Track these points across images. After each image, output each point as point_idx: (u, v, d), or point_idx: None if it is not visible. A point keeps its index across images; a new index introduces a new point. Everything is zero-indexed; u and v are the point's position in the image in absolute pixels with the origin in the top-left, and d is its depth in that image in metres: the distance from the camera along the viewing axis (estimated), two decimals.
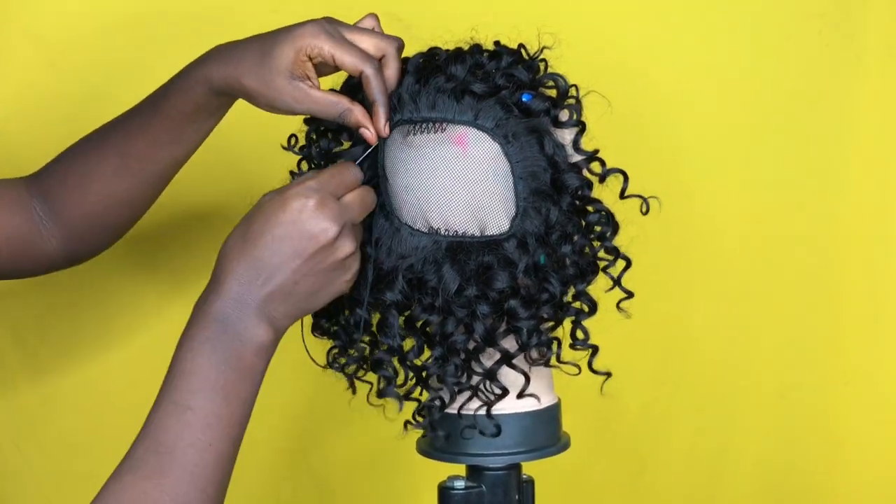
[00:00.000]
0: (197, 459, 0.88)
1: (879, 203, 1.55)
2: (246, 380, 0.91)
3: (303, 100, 0.97)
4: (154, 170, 1.08)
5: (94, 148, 1.11)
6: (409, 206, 0.98)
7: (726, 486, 1.58)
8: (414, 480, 1.48)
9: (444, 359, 0.99)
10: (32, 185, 1.13)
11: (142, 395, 1.03)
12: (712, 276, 1.54)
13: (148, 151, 1.07)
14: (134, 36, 1.37)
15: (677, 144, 1.50)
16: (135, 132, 1.08)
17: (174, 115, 1.05)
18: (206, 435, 0.89)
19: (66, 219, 1.11)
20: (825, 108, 1.52)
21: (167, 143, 1.06)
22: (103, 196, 1.10)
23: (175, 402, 0.89)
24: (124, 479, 0.88)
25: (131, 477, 0.88)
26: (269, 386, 1.47)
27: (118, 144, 1.09)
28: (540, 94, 0.99)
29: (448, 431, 1.02)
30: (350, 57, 0.96)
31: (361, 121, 0.96)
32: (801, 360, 1.57)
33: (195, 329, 0.92)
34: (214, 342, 0.91)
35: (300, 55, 0.97)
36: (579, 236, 0.99)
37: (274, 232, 0.92)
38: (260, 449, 1.47)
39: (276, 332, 0.93)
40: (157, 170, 1.08)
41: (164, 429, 0.89)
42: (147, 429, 0.90)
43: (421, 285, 0.98)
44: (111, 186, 1.09)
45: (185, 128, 1.05)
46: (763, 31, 1.51)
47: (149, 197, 1.12)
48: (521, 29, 1.01)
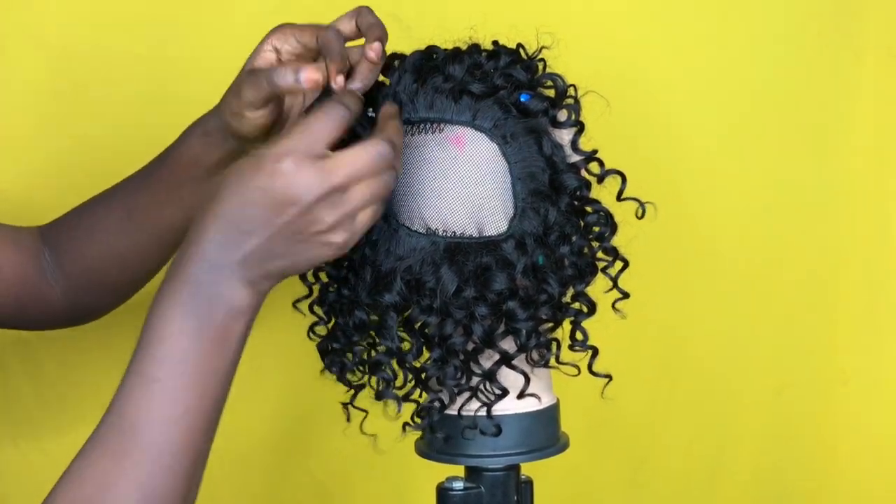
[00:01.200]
0: (162, 436, 0.82)
1: (878, 203, 1.55)
2: (220, 347, 0.84)
3: (250, 79, 0.94)
4: (153, 230, 1.07)
5: (102, 201, 1.11)
6: (406, 207, 0.98)
7: (724, 485, 1.58)
8: (412, 481, 1.47)
9: (442, 360, 0.99)
10: (45, 232, 1.13)
11: None
12: (710, 276, 1.54)
13: (148, 208, 1.06)
14: (134, 36, 1.37)
15: (676, 144, 1.50)
16: (138, 185, 1.07)
17: (174, 169, 1.04)
18: (174, 409, 0.82)
19: (69, 270, 1.11)
20: (825, 108, 1.52)
21: (164, 202, 1.05)
22: (106, 251, 1.09)
23: (140, 373, 0.83)
24: (89, 456, 0.83)
25: (94, 454, 0.83)
26: (269, 386, 1.48)
27: (123, 199, 1.09)
28: (538, 94, 0.99)
29: (447, 432, 1.02)
30: (309, 31, 0.97)
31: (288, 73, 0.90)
32: (798, 360, 1.57)
33: (162, 293, 0.84)
34: (185, 306, 0.83)
35: (264, 47, 0.98)
36: (578, 237, 0.99)
37: (247, 195, 0.84)
38: (259, 449, 1.47)
39: (255, 294, 0.86)
40: (156, 231, 1.07)
41: (127, 402, 0.83)
42: (113, 401, 0.84)
43: (419, 287, 0.97)
44: (114, 241, 1.08)
45: (182, 185, 1.04)
46: (763, 32, 1.51)
47: (152, 259, 1.09)
48: (519, 29, 1.01)
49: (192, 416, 0.83)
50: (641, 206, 1.00)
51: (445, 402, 1.01)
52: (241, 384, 1.05)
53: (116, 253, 1.09)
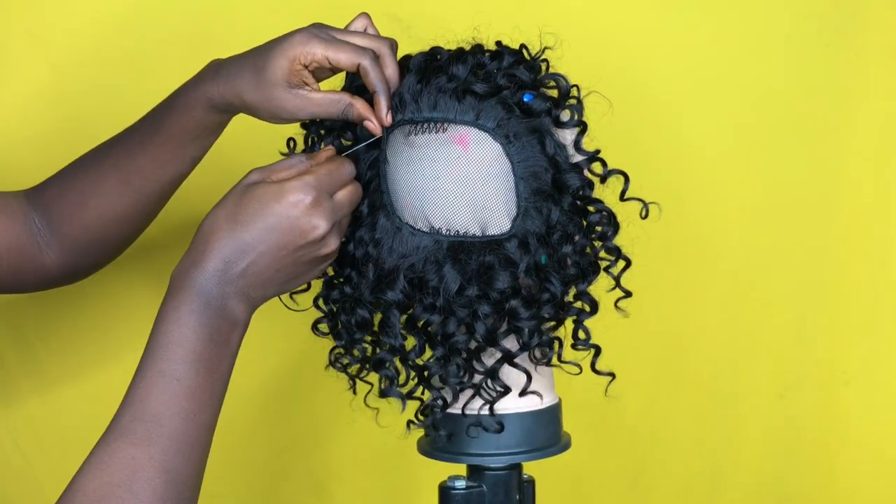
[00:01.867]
0: (183, 428, 0.90)
1: (879, 203, 1.55)
2: (225, 355, 0.93)
3: (304, 106, 0.98)
4: (154, 187, 1.09)
5: (93, 164, 1.11)
6: (410, 206, 0.98)
7: (726, 485, 1.58)
8: (414, 480, 1.48)
9: (445, 358, 0.99)
10: (32, 197, 1.13)
11: None
12: (712, 276, 1.54)
13: (148, 169, 1.08)
14: (134, 36, 1.37)
15: (677, 144, 1.50)
16: (135, 149, 1.08)
17: (174, 133, 1.05)
18: (192, 405, 0.91)
19: (64, 233, 1.11)
20: (825, 108, 1.52)
21: (167, 161, 1.07)
22: (101, 212, 1.10)
23: (161, 371, 0.91)
24: (112, 444, 0.90)
25: (119, 443, 0.89)
26: (269, 386, 1.48)
27: (118, 161, 1.09)
28: (541, 94, 0.99)
29: (451, 431, 1.03)
30: (344, 53, 0.97)
31: (364, 113, 0.97)
32: (800, 360, 1.57)
33: (178, 300, 0.93)
34: (200, 316, 0.92)
35: (294, 64, 0.98)
36: (580, 236, 0.99)
37: (267, 220, 0.93)
38: (259, 449, 1.47)
39: (251, 312, 0.96)
40: (157, 187, 1.09)
41: (151, 397, 0.91)
42: (132, 396, 0.91)
43: (422, 285, 0.98)
44: (110, 203, 1.10)
45: (186, 145, 1.06)
46: (763, 32, 1.51)
47: (148, 214, 1.12)
48: (522, 29, 1.01)
49: (205, 412, 0.92)
50: (645, 206, 1.00)
51: (448, 400, 1.01)
52: (242, 384, 1.05)
53: (113, 213, 1.10)
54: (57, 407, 1.41)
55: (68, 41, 1.36)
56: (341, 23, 1.03)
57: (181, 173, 1.09)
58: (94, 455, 0.90)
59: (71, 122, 1.36)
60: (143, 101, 1.37)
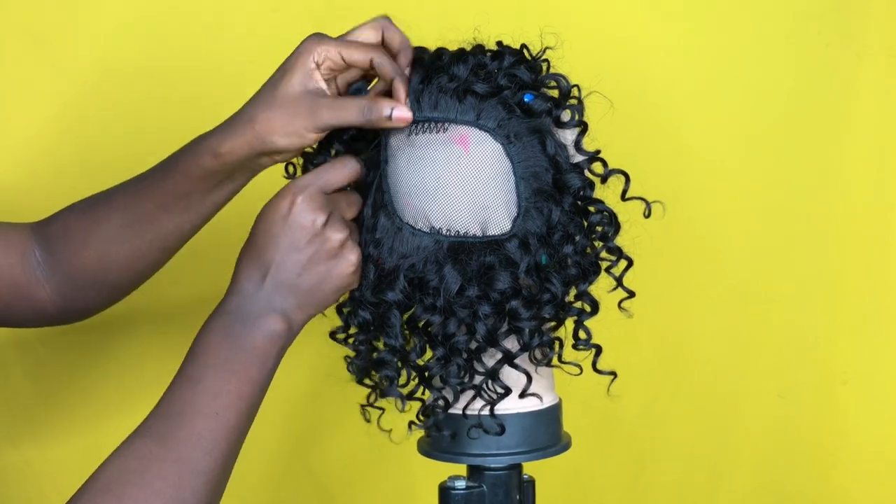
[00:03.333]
0: (203, 423, 0.92)
1: (878, 203, 1.55)
2: (255, 361, 0.95)
3: (332, 105, 0.97)
4: (157, 236, 1.07)
5: (101, 204, 1.09)
6: (410, 206, 0.98)
7: (725, 485, 1.59)
8: (414, 480, 1.48)
9: (445, 359, 0.99)
10: (37, 230, 1.11)
11: (143, 395, 1.03)
12: (712, 276, 1.55)
13: (153, 215, 1.06)
14: (134, 36, 1.37)
15: (678, 144, 1.50)
16: (142, 193, 1.06)
17: (181, 181, 1.03)
18: (215, 404, 0.93)
19: (63, 271, 1.09)
20: (825, 108, 1.52)
21: (174, 209, 1.05)
22: (103, 254, 1.08)
23: (187, 377, 0.94)
24: (132, 439, 0.92)
25: (139, 438, 0.92)
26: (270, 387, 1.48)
27: (125, 204, 1.07)
28: (542, 94, 0.99)
29: (452, 431, 1.03)
30: (357, 49, 0.98)
31: (385, 107, 0.96)
32: (799, 360, 1.57)
33: (210, 323, 0.96)
34: (227, 329, 0.95)
35: (308, 64, 0.97)
36: (581, 236, 0.99)
37: (271, 231, 0.96)
38: (259, 449, 1.46)
39: (288, 322, 0.96)
40: (161, 236, 1.07)
41: (174, 398, 0.94)
42: (159, 403, 0.94)
43: (422, 285, 0.98)
44: (112, 246, 1.08)
45: (192, 195, 1.04)
46: (763, 32, 1.51)
47: (150, 263, 1.10)
48: (523, 29, 1.01)
49: (230, 412, 0.93)
50: (647, 205, 1.00)
51: (449, 401, 1.01)
52: None
53: (114, 257, 1.08)
54: (57, 408, 1.41)
55: (68, 41, 1.36)
56: (341, 23, 1.03)
57: (185, 226, 1.06)
58: (115, 450, 0.92)
59: (70, 122, 1.36)
60: (144, 101, 1.38)
